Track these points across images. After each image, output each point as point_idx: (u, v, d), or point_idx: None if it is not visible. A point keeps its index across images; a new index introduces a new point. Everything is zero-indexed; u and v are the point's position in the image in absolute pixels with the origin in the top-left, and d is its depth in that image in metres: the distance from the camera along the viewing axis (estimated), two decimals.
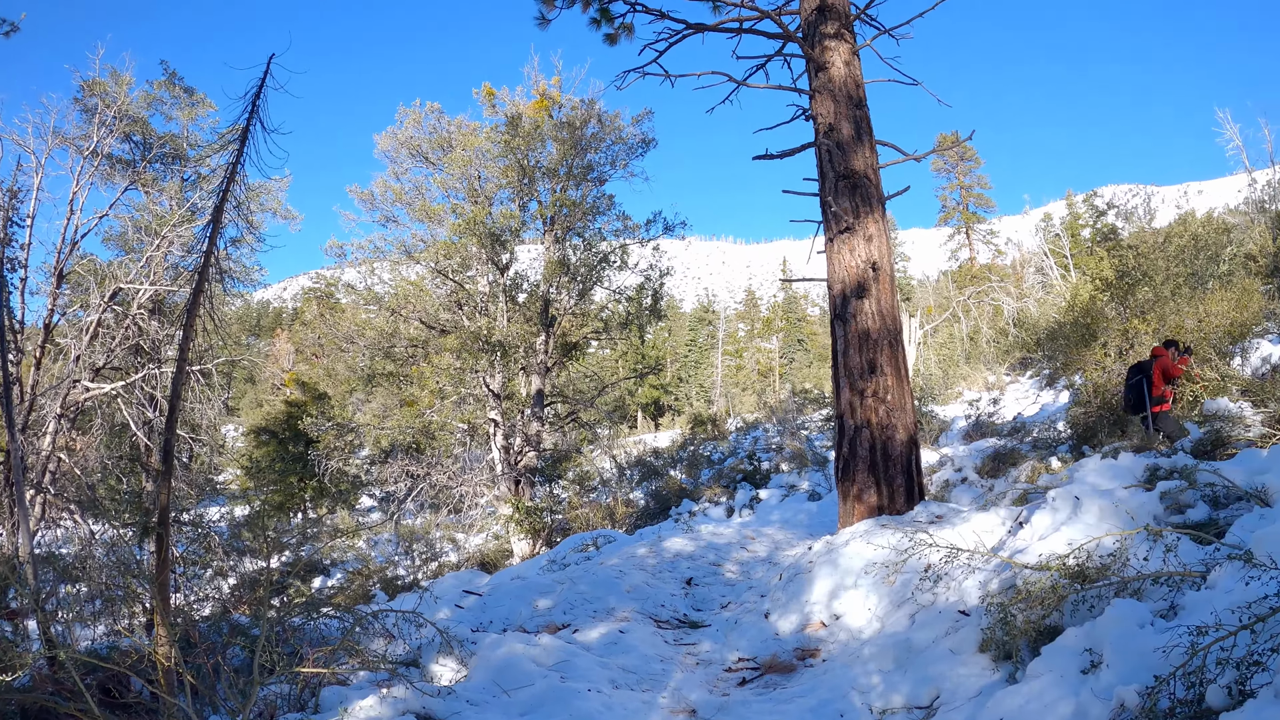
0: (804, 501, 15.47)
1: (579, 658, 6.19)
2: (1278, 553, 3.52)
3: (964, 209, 58.12)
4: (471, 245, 18.65)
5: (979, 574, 5.84)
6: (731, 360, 77.46)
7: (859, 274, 9.71)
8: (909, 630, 5.73)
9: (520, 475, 18.64)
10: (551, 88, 21.09)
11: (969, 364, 35.73)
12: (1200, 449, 8.00)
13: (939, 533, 6.84)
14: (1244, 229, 28.22)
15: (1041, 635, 4.51)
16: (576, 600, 8.13)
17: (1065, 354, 16.45)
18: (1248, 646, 2.96)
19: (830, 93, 10.33)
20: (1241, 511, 5.33)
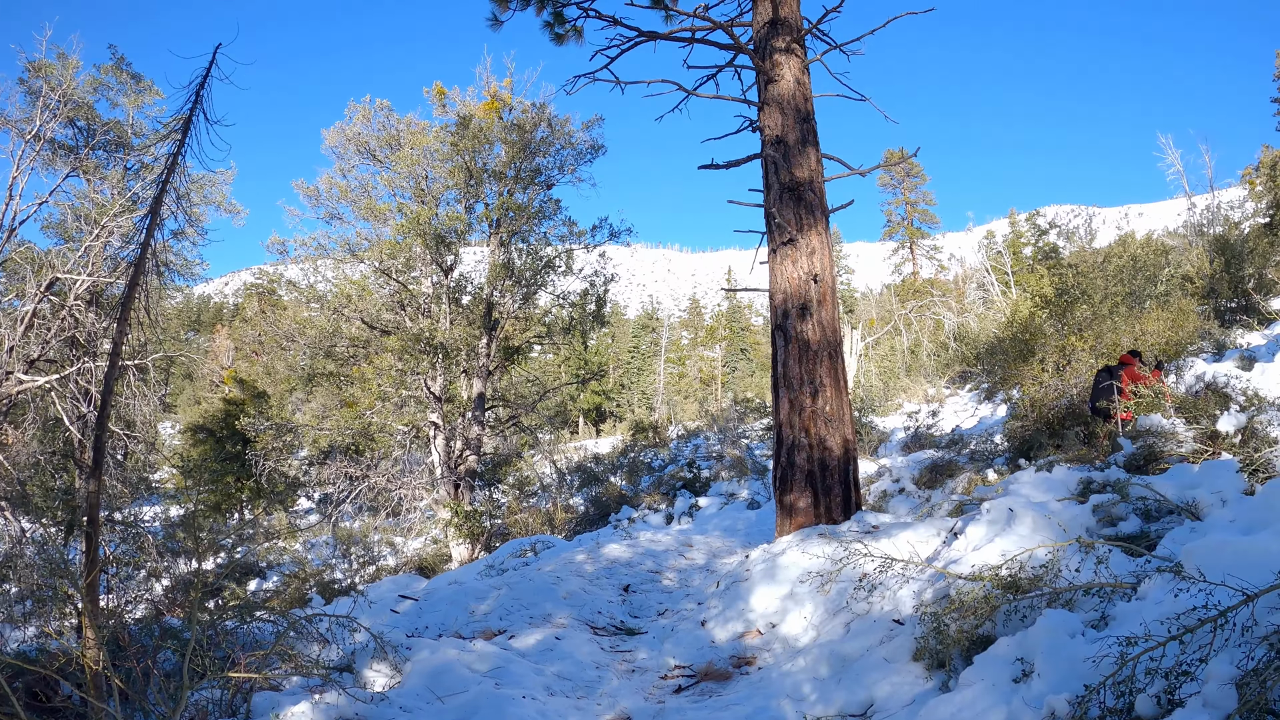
0: (743, 510, 15.57)
1: (514, 664, 6.17)
2: (1207, 566, 3.57)
3: (909, 224, 58.99)
4: (416, 246, 18.49)
5: (913, 584, 5.90)
6: (674, 368, 77.61)
7: (801, 285, 9.77)
8: (844, 639, 5.77)
9: (460, 479, 18.51)
10: (503, 90, 20.99)
11: (909, 376, 36.22)
12: (1133, 463, 8.12)
13: (875, 543, 6.89)
14: (1182, 251, 28.91)
15: (974, 644, 4.56)
16: (513, 606, 8.11)
17: (1004, 368, 16.59)
18: (1176, 657, 3.02)
19: (779, 105, 10.42)
20: (1173, 525, 5.44)
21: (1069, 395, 12.96)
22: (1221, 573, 3.34)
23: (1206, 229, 32.02)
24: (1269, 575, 3.08)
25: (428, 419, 18.76)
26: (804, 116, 10.46)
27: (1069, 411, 12.79)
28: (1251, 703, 2.65)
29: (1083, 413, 12.24)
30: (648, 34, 11.25)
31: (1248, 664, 2.79)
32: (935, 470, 14.11)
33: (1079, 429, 12.07)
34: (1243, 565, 3.42)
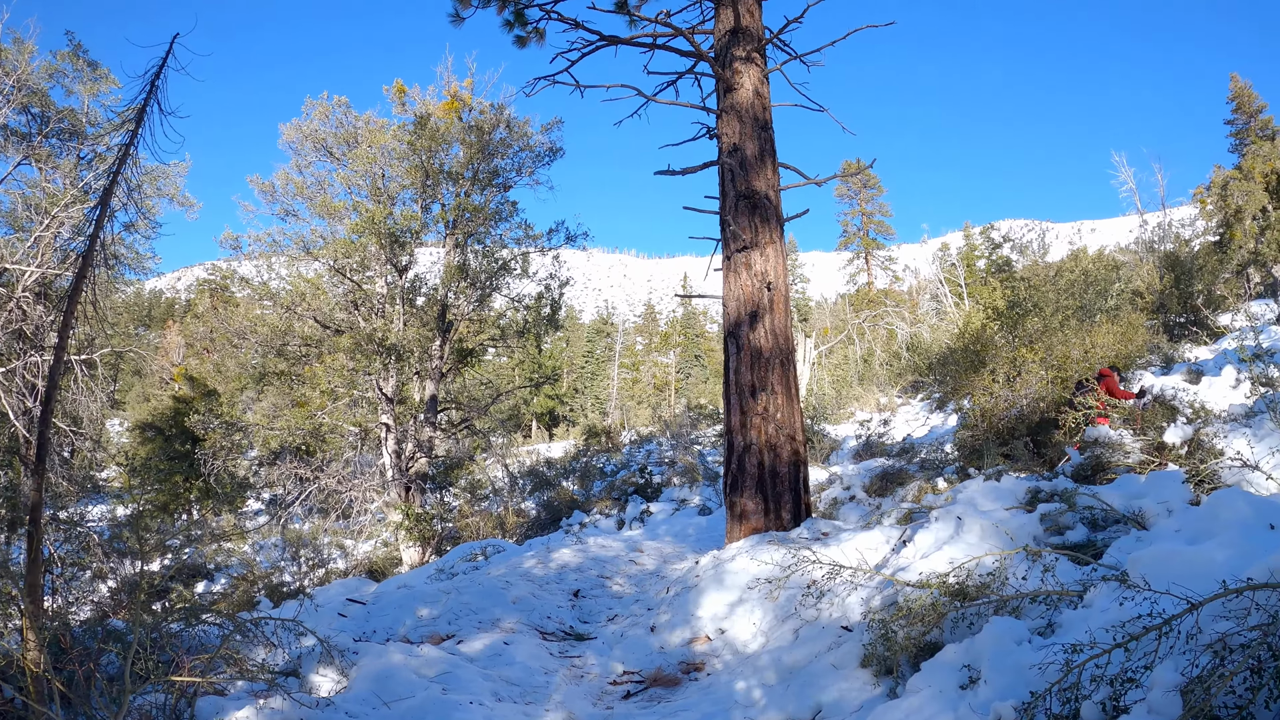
0: (694, 516, 15.60)
1: (462, 669, 6.13)
2: (1153, 574, 3.62)
3: (864, 235, 59.59)
4: (371, 245, 18.33)
5: (862, 590, 5.94)
6: (628, 373, 77.69)
7: (754, 293, 9.84)
8: (793, 645, 5.80)
9: (411, 481, 18.39)
10: (463, 90, 20.88)
11: (862, 385, 36.51)
12: (1080, 474, 8.22)
13: (824, 550, 6.93)
14: (1133, 266, 29.45)
15: (922, 651, 4.60)
16: (462, 610, 8.06)
17: (955, 379, 16.71)
18: (1122, 664, 3.05)
19: (737, 113, 10.47)
20: (1119, 534, 5.50)
21: (1019, 406, 13.05)
22: (1167, 581, 3.39)
23: (1158, 246, 32.70)
24: (1213, 584, 3.10)
25: (379, 420, 18.62)
26: (762, 125, 10.54)
27: (1019, 421, 12.87)
28: (1196, 709, 2.68)
29: (1032, 423, 12.42)
30: (609, 38, 11.27)
31: (1192, 671, 2.82)
32: (886, 478, 14.16)
33: (1028, 439, 12.19)
34: (1188, 574, 3.46)
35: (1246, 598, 2.92)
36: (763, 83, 10.81)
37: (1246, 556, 3.46)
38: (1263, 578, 2.97)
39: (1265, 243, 43.00)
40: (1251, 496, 4.21)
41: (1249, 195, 44.21)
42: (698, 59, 11.45)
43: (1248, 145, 47.15)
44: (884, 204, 60.19)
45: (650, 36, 11.42)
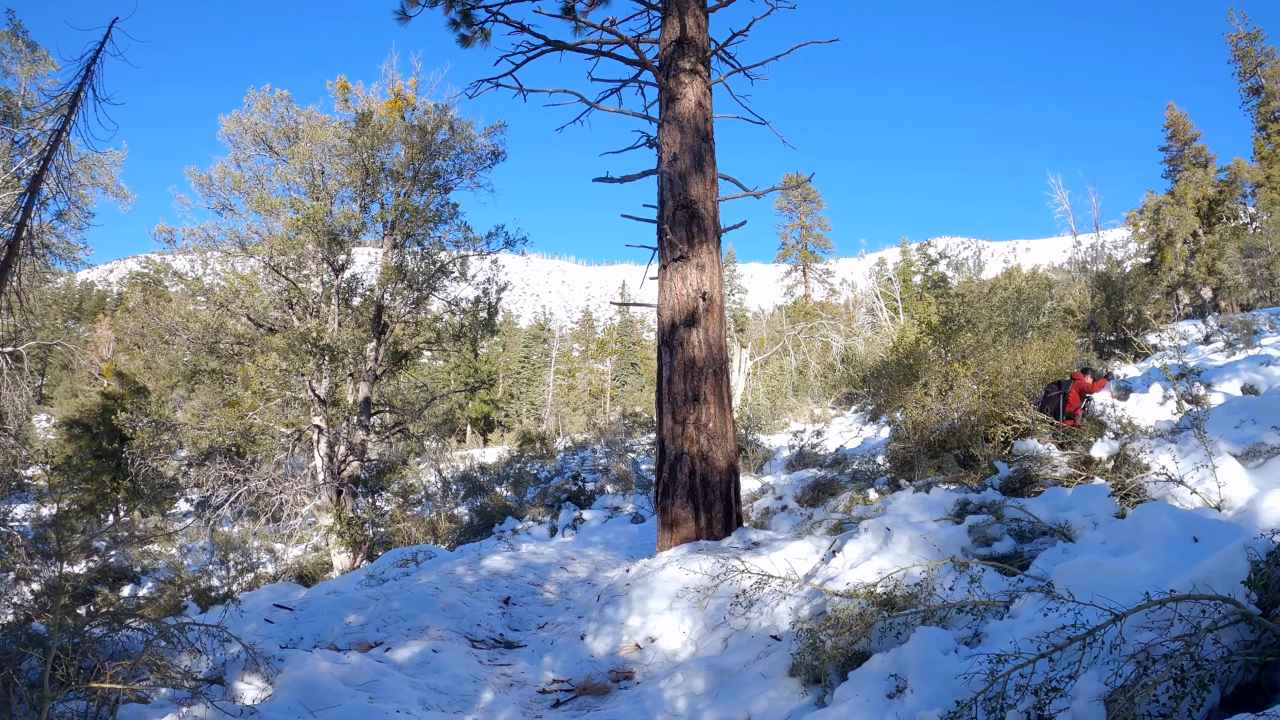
0: (627, 524, 15.65)
1: (389, 677, 6.08)
2: (1078, 586, 3.67)
3: (803, 248, 60.32)
4: (308, 243, 18.08)
5: (791, 600, 5.98)
6: (564, 380, 77.72)
7: (689, 303, 9.86)
8: (722, 654, 5.82)
9: (343, 485, 18.16)
10: (407, 89, 20.70)
11: (797, 396, 36.81)
12: (1009, 486, 8.33)
13: (754, 559, 6.99)
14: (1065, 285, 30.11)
15: (850, 660, 4.62)
16: (390, 617, 8.00)
17: (888, 392, 16.83)
18: (1046, 674, 3.08)
19: (679, 123, 10.51)
20: (1046, 546, 5.59)
21: (950, 419, 13.19)
22: (1091, 593, 3.46)
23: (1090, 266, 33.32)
24: (1137, 595, 3.16)
25: (312, 422, 18.38)
26: (703, 136, 10.58)
27: (950, 435, 13.02)
28: (1120, 718, 2.74)
29: (962, 436, 12.66)
30: (555, 43, 11.26)
31: (1116, 681, 2.88)
32: (818, 488, 14.26)
33: (959, 452, 12.36)
34: (1112, 585, 3.54)
35: (1169, 609, 2.99)
36: (706, 94, 10.87)
37: (1170, 568, 3.57)
38: (1185, 589, 3.04)
39: (1195, 265, 44.53)
40: (1175, 510, 4.33)
41: (1180, 219, 45.69)
42: (642, 68, 11.51)
43: (1181, 171, 48.72)
44: (823, 218, 61.06)
45: (596, 43, 11.43)
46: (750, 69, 12.11)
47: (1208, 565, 3.16)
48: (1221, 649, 2.78)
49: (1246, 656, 2.73)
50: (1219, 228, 46.15)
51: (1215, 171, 48.16)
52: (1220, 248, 43.29)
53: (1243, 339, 20.10)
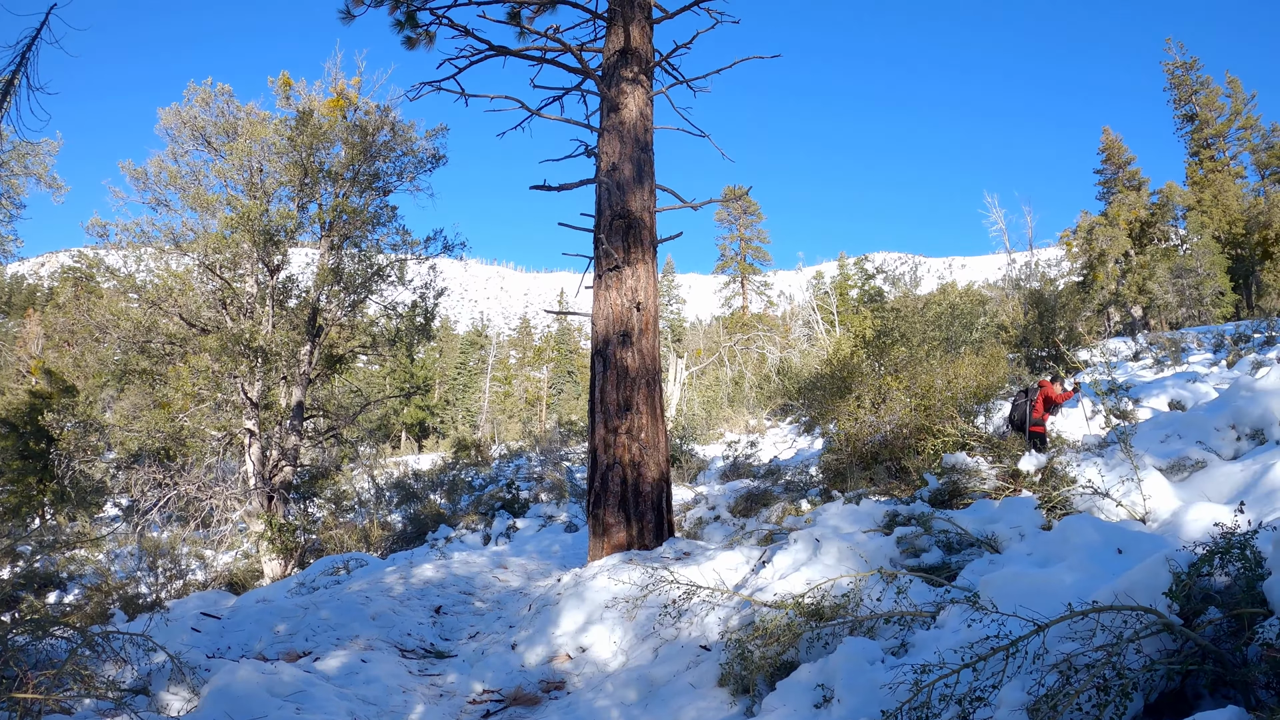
0: (560, 533, 15.64)
1: (317, 687, 6.01)
2: (1004, 596, 3.75)
3: (742, 260, 60.88)
4: (244, 242, 17.78)
5: (720, 610, 6.02)
6: (501, 387, 77.38)
7: (623, 313, 9.90)
8: (652, 664, 5.84)
9: (275, 491, 17.87)
10: (350, 88, 20.50)
11: (732, 407, 37.07)
12: (938, 498, 8.44)
13: (684, 570, 7.02)
14: (999, 302, 30.77)
15: (778, 671, 4.63)
16: (319, 627, 7.92)
17: (822, 404, 16.92)
18: (970, 684, 3.10)
19: (619, 133, 10.55)
20: (973, 557, 5.69)
21: (883, 432, 13.32)
22: (1016, 603, 3.52)
23: (1024, 283, 33.99)
24: (1062, 606, 3.21)
25: (243, 426, 18.06)
26: (643, 146, 10.64)
27: (882, 447, 13.15)
28: None
29: (894, 448, 12.80)
30: (498, 49, 11.26)
31: (1039, 690, 2.91)
32: (751, 499, 14.35)
33: (889, 463, 12.51)
34: (1037, 596, 3.62)
35: (1092, 619, 3.04)
36: (647, 104, 10.94)
37: (1094, 579, 3.64)
38: (1108, 600, 3.09)
39: (1126, 285, 45.78)
40: (1100, 522, 4.41)
41: (1113, 240, 46.99)
42: (585, 76, 11.53)
43: (1115, 194, 50.15)
44: (762, 231, 61.73)
45: (540, 50, 11.45)
46: (693, 81, 12.23)
47: (1131, 577, 3.21)
48: (1144, 658, 2.84)
49: (1169, 665, 2.78)
50: (1150, 249, 47.49)
51: (1148, 194, 49.72)
52: (1151, 268, 44.61)
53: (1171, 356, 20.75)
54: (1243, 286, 46.83)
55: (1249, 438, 7.41)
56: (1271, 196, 48.27)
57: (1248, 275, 46.88)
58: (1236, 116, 52.21)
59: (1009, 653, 3.06)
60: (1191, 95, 53.11)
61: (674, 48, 11.91)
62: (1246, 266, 46.99)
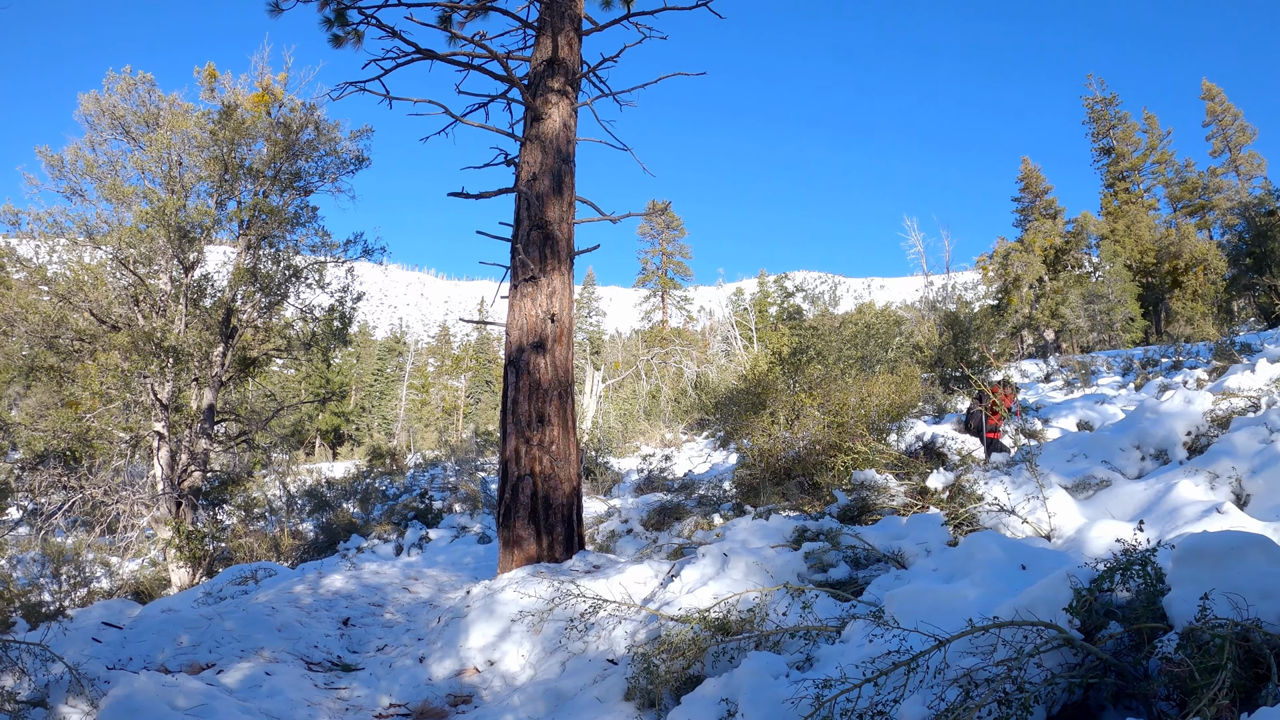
0: (473, 544, 15.59)
1: (219, 700, 5.91)
2: (908, 611, 3.79)
3: (663, 274, 61.25)
4: (159, 237, 17.36)
5: (628, 624, 6.06)
6: (418, 395, 76.86)
7: (538, 324, 9.89)
8: (560, 678, 5.86)
9: (184, 496, 17.47)
10: (276, 83, 20.19)
11: (649, 420, 37.23)
12: (847, 514, 8.53)
13: (593, 583, 7.04)
14: (915, 323, 31.43)
15: (684, 685, 4.65)
16: (224, 638, 7.79)
17: (737, 419, 17.07)
18: (871, 698, 3.14)
19: (541, 144, 10.54)
20: (879, 572, 5.77)
21: (796, 448, 13.44)
22: (918, 618, 3.56)
23: (940, 305, 34.73)
24: (965, 621, 3.24)
25: (153, 428, 17.60)
26: (564, 158, 10.66)
27: (795, 463, 13.26)
28: None
29: (807, 464, 12.89)
30: (425, 52, 11.18)
31: (940, 705, 2.93)
32: (664, 513, 14.34)
33: (802, 479, 12.59)
34: (941, 611, 3.67)
35: (993, 634, 3.08)
36: (571, 116, 10.95)
37: (997, 595, 3.70)
38: (1009, 615, 3.14)
39: (1039, 309, 47.33)
40: (1004, 539, 4.51)
41: (1028, 265, 48.53)
42: (511, 85, 11.47)
43: (1031, 221, 51.94)
44: (684, 246, 62.15)
45: (467, 56, 11.37)
46: (620, 94, 12.25)
47: (1033, 592, 3.27)
48: (1045, 672, 2.88)
49: (1070, 679, 2.83)
50: (1064, 275, 49.19)
51: (1063, 223, 51.52)
52: (1064, 293, 46.22)
53: (1080, 378, 21.47)
54: (1152, 313, 48.89)
55: (1153, 458, 7.66)
56: (1182, 228, 50.42)
57: (1157, 303, 48.96)
58: (1152, 151, 54.63)
59: (910, 668, 3.11)
60: (1109, 130, 55.39)
61: (601, 60, 11.92)
62: (1156, 294, 49.00)
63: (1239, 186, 51.02)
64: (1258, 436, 6.70)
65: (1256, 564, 2.77)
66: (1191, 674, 2.51)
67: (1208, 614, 2.68)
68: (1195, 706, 2.42)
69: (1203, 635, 2.59)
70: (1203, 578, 2.84)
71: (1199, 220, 52.96)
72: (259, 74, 20.22)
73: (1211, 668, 2.46)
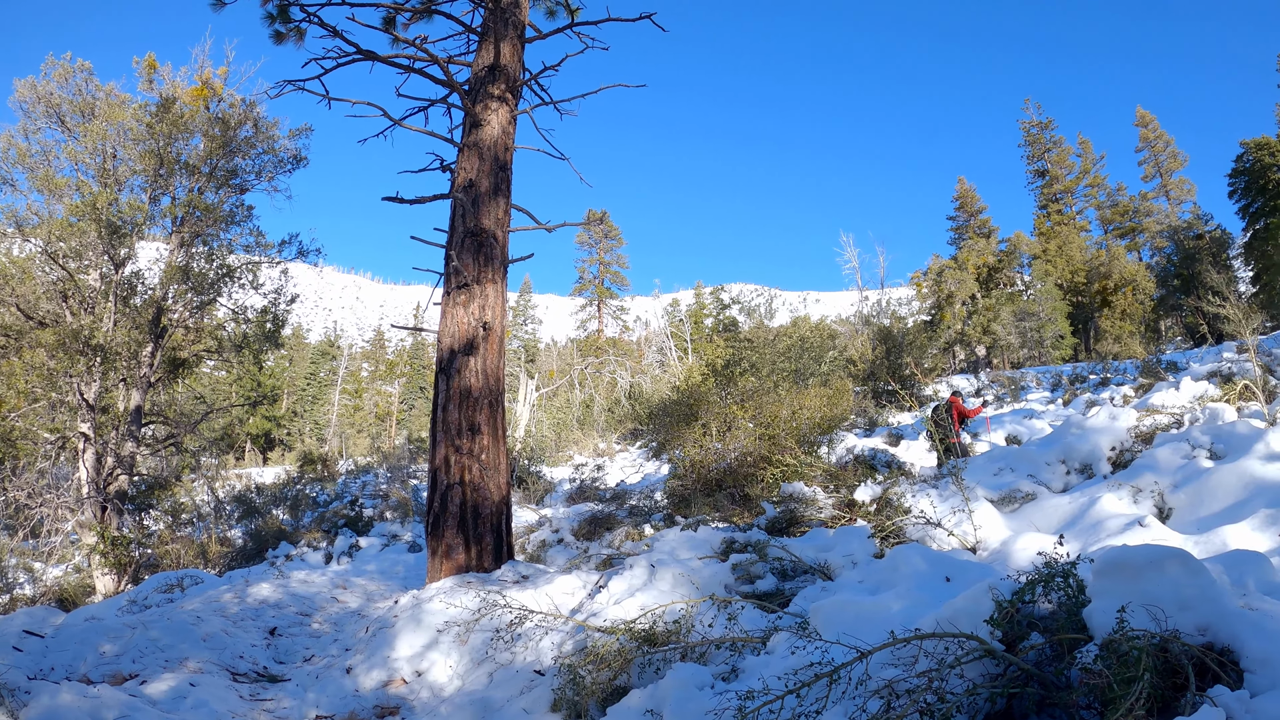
0: (404, 552, 15.47)
1: (141, 712, 5.81)
2: (832, 622, 3.81)
3: (600, 283, 61.52)
4: (91, 231, 17.00)
5: (555, 635, 6.04)
6: (351, 400, 76.15)
7: (470, 331, 9.87)
8: (487, 689, 5.84)
9: (110, 501, 17.06)
10: (216, 77, 19.93)
11: (582, 430, 37.21)
12: (775, 526, 8.56)
13: (521, 593, 7.05)
14: (849, 336, 31.86)
15: (610, 696, 4.66)
16: (148, 647, 7.67)
17: (669, 430, 17.11)
18: (794, 709, 3.15)
19: (479, 150, 10.53)
20: (806, 584, 5.80)
21: (728, 459, 13.50)
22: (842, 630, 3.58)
23: (874, 319, 35.21)
24: (888, 633, 3.25)
25: (78, 429, 17.18)
26: (501, 165, 10.65)
27: (726, 474, 13.33)
28: None
29: (738, 475, 12.98)
30: (366, 53, 11.10)
31: (862, 716, 2.95)
32: (595, 523, 14.34)
33: (733, 490, 12.66)
34: (865, 623, 3.70)
35: (915, 645, 3.10)
36: (510, 123, 10.94)
37: (921, 607, 3.74)
38: (931, 627, 3.17)
39: (972, 325, 48.39)
40: (929, 551, 4.58)
41: (961, 283, 49.61)
42: (451, 90, 11.42)
43: (966, 240, 53.15)
44: (622, 256, 62.51)
45: (409, 59, 11.32)
46: (560, 103, 12.29)
47: (955, 604, 3.31)
48: (967, 682, 2.90)
49: (991, 688, 2.86)
50: (996, 292, 50.37)
51: (997, 242, 52.84)
52: (996, 310, 47.34)
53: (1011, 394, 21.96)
54: (1082, 331, 50.24)
55: (1078, 472, 7.81)
56: (1113, 250, 51.88)
57: (1087, 321, 50.32)
58: (1085, 175, 56.37)
59: (832, 679, 3.13)
60: (1045, 153, 57.08)
61: (543, 68, 11.98)
62: (1086, 313, 50.36)
63: (1169, 211, 52.51)
64: (1180, 452, 6.89)
65: (1175, 577, 2.83)
66: (1110, 684, 2.56)
67: (1125, 625, 2.73)
68: (1114, 715, 2.47)
69: (1121, 646, 2.64)
70: (1123, 590, 2.90)
71: (1129, 242, 54.45)
72: (199, 67, 19.99)
73: (1129, 678, 2.51)
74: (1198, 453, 6.86)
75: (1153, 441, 7.93)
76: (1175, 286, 45.05)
